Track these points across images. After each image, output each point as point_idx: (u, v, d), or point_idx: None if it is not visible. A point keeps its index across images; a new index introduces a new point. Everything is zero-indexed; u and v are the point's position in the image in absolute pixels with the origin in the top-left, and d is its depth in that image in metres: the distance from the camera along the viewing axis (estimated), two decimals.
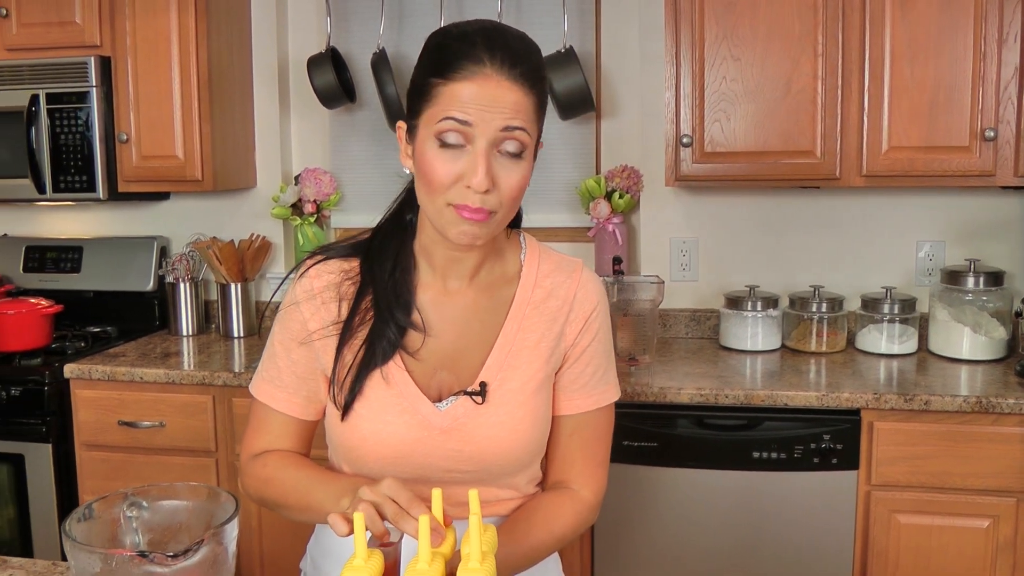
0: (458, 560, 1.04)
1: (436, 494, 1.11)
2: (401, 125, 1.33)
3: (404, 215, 1.42)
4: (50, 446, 2.90)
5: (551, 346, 1.41)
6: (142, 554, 1.09)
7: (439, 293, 1.40)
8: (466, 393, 1.36)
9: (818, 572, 2.55)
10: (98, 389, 2.91)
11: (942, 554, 2.48)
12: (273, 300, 1.54)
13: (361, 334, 1.38)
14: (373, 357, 1.36)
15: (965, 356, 2.82)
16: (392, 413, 1.36)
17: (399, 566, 1.12)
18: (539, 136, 1.31)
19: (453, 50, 1.24)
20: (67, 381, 2.93)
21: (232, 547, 1.19)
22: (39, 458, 2.90)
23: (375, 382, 1.37)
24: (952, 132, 2.65)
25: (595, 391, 1.46)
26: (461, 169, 1.23)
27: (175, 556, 1.10)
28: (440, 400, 1.37)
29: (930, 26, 2.63)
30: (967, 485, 2.45)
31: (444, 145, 1.23)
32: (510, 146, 1.24)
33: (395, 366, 1.37)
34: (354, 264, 1.43)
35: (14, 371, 2.94)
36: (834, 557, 2.55)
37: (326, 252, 1.45)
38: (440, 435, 1.36)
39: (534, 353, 1.40)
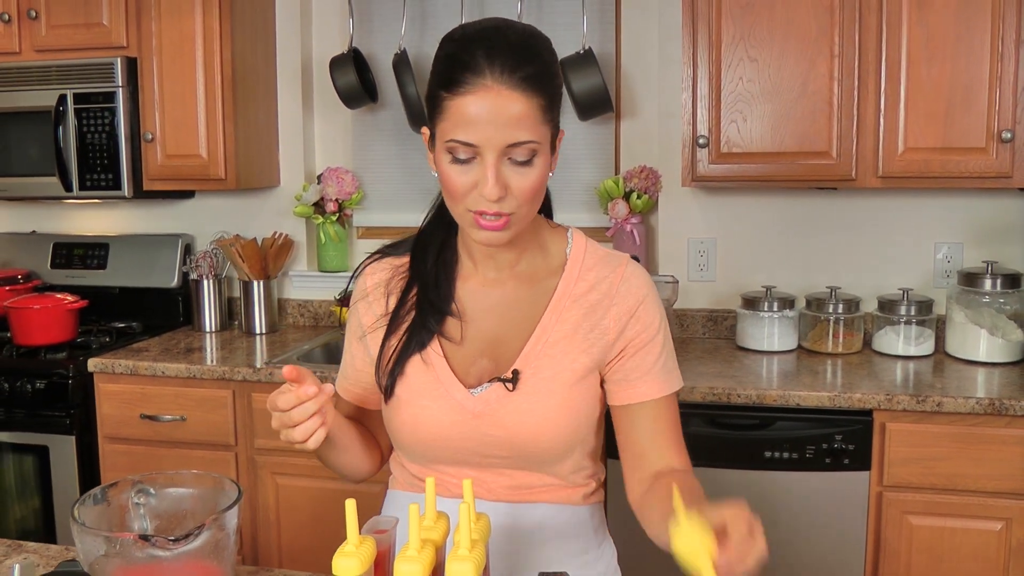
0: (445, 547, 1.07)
1: (429, 482, 1.14)
2: (425, 131, 1.38)
3: (446, 210, 1.45)
4: (74, 438, 2.96)
5: (590, 339, 1.43)
6: (144, 537, 1.13)
7: (479, 284, 1.46)
8: (499, 380, 1.41)
9: (830, 573, 2.56)
10: (121, 383, 2.96)
11: (955, 556, 2.48)
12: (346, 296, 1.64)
13: (406, 323, 1.46)
14: (412, 342, 1.44)
15: (982, 358, 2.81)
16: (429, 398, 1.42)
17: (392, 553, 1.15)
18: (555, 130, 1.34)
19: (456, 59, 1.27)
20: (91, 375, 2.99)
21: (233, 533, 1.23)
22: (63, 450, 2.97)
23: (415, 368, 1.44)
24: (969, 133, 2.65)
25: (669, 377, 1.47)
26: (474, 179, 1.28)
27: (176, 540, 1.13)
28: (479, 386, 1.42)
29: (947, 27, 2.63)
30: (980, 487, 2.44)
31: (456, 160, 1.29)
32: (519, 155, 1.28)
33: (434, 352, 1.44)
34: (405, 260, 1.51)
35: (39, 364, 3.01)
36: (846, 558, 2.55)
37: (383, 251, 1.55)
38: (473, 419, 1.41)
39: (571, 344, 1.42)
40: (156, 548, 1.13)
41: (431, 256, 1.48)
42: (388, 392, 1.45)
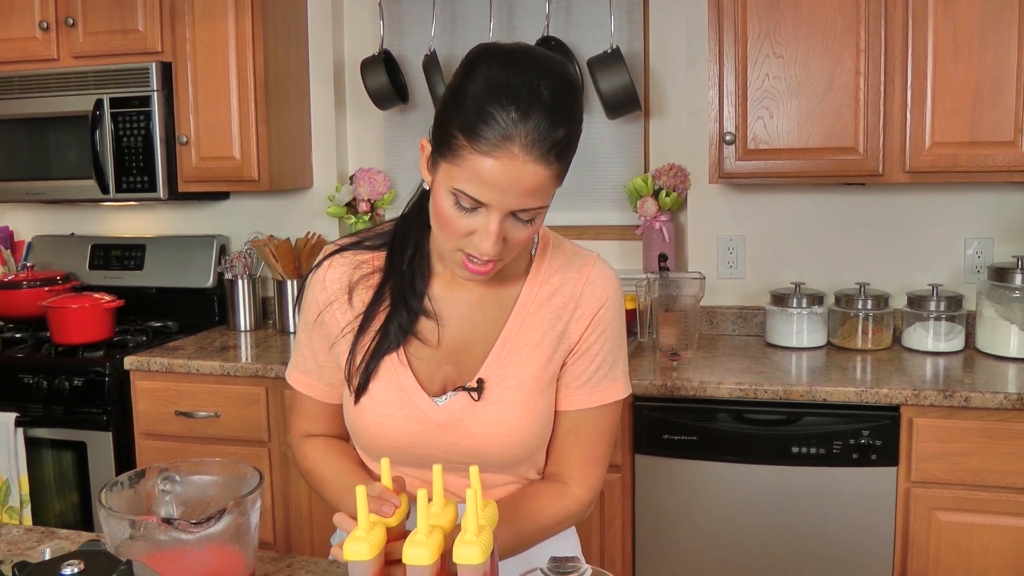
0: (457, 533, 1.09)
1: (436, 470, 1.16)
2: (425, 144, 1.30)
3: (426, 206, 1.43)
4: (111, 434, 3.03)
5: (554, 344, 1.42)
6: (167, 521, 1.17)
7: (447, 288, 1.43)
8: (464, 389, 1.39)
9: (858, 568, 2.55)
10: (156, 380, 3.02)
11: (983, 552, 2.46)
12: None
13: (377, 322, 1.42)
14: (386, 341, 1.40)
15: (1013, 354, 2.78)
16: (392, 406, 1.40)
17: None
18: (562, 183, 1.28)
19: (485, 110, 1.18)
20: (127, 372, 3.06)
21: (255, 519, 1.26)
22: (100, 446, 3.03)
23: (387, 369, 1.41)
24: (997, 127, 2.63)
25: (598, 388, 1.45)
26: (474, 226, 1.24)
27: (198, 523, 1.17)
28: (443, 394, 1.41)
29: (973, 20, 2.61)
30: (1008, 483, 2.42)
31: (458, 205, 1.23)
32: (524, 216, 1.24)
33: (399, 358, 1.41)
34: (368, 256, 1.46)
35: (77, 363, 3.07)
36: (874, 553, 2.54)
37: (344, 244, 1.50)
38: (437, 429, 1.39)
39: (536, 351, 1.41)
40: (178, 531, 1.16)
41: (407, 252, 1.43)
42: (359, 392, 1.41)
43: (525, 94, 1.18)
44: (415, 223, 1.43)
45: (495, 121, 1.17)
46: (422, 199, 1.42)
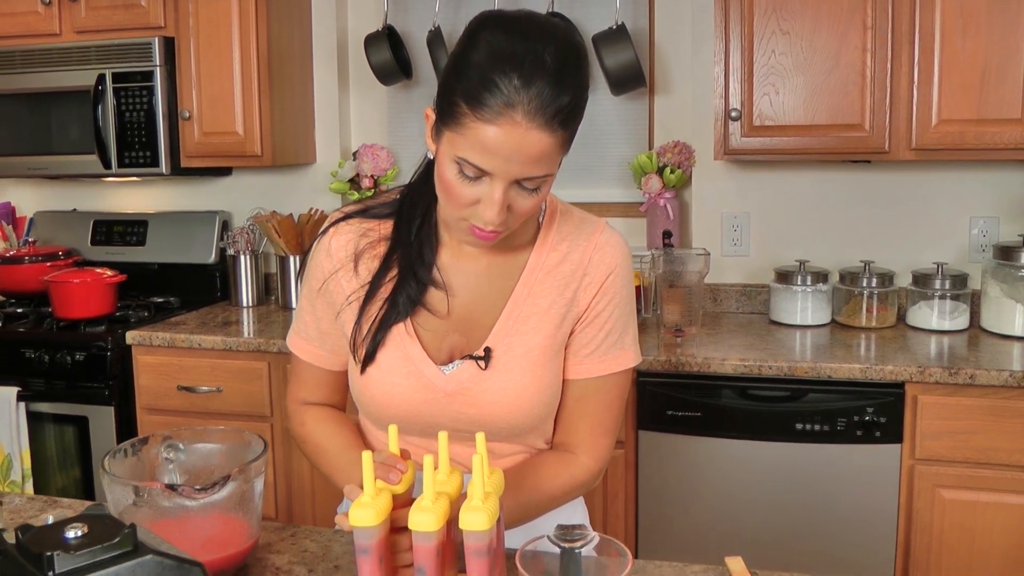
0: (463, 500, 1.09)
1: (442, 437, 1.16)
2: (429, 113, 1.28)
3: (432, 176, 1.39)
4: (113, 409, 3.02)
5: (562, 312, 1.40)
6: (171, 487, 1.16)
7: (454, 257, 1.41)
8: (471, 357, 1.38)
9: (861, 545, 2.55)
10: (158, 355, 3.02)
11: (987, 530, 2.46)
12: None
13: (384, 292, 1.40)
14: (394, 312, 1.39)
15: (1017, 333, 2.77)
16: (399, 375, 1.39)
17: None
18: (569, 149, 1.26)
19: (486, 77, 1.16)
20: (129, 347, 3.05)
21: (259, 486, 1.26)
22: (102, 420, 3.03)
23: (394, 339, 1.39)
24: (1004, 104, 2.61)
25: (607, 356, 1.43)
26: (478, 195, 1.22)
27: (202, 490, 1.17)
28: (450, 363, 1.39)
29: None
30: (1012, 461, 2.42)
31: (462, 174, 1.21)
32: (529, 184, 1.22)
33: (407, 329, 1.40)
34: (374, 224, 1.44)
35: (79, 337, 3.07)
36: (877, 530, 2.54)
37: (350, 212, 1.47)
38: (445, 398, 1.38)
39: (544, 319, 1.40)
40: (182, 497, 1.16)
41: (416, 221, 1.40)
42: (366, 362, 1.40)
43: (528, 61, 1.16)
44: (422, 192, 1.41)
45: (497, 88, 1.15)
46: (428, 168, 1.40)
